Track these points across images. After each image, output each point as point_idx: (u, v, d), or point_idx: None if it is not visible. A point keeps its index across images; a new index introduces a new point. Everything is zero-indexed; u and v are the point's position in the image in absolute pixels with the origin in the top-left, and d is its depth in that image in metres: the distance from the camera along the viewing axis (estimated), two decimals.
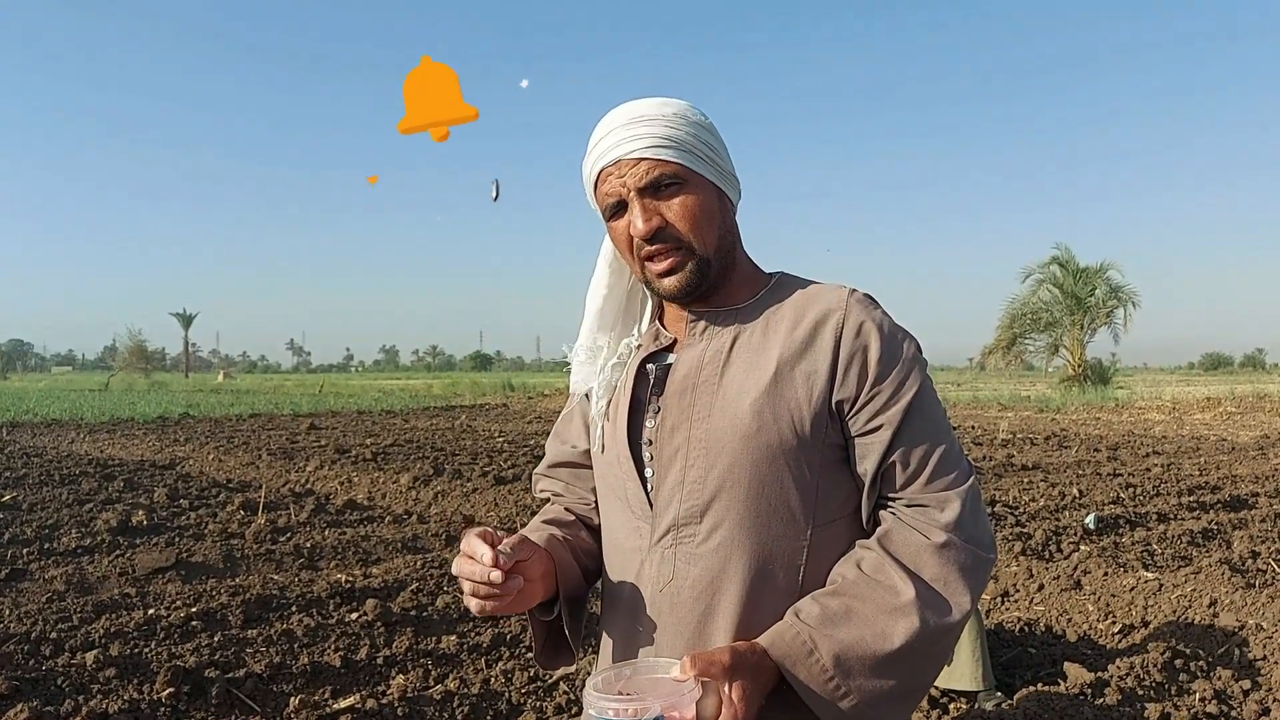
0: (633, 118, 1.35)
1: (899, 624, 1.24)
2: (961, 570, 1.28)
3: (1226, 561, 6.08)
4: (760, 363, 1.35)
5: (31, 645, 4.42)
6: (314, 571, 6.25)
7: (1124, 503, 8.77)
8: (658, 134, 1.33)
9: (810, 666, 1.24)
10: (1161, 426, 19.38)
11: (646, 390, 1.45)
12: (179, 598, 5.30)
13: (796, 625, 1.26)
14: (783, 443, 1.31)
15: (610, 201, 1.38)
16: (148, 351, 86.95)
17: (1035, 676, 4.44)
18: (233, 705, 3.94)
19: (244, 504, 8.81)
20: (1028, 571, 6.01)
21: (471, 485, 9.87)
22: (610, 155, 1.36)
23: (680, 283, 1.36)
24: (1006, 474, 10.98)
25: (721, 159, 1.39)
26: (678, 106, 1.38)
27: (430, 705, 3.95)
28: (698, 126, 1.37)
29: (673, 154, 1.33)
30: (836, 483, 1.35)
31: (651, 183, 1.34)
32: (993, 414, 23.90)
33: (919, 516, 1.30)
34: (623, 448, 1.43)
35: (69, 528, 7.66)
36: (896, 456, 1.31)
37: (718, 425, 1.34)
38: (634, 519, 1.41)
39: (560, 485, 1.65)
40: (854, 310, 1.35)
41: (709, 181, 1.37)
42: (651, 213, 1.34)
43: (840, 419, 1.34)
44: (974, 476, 1.35)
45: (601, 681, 1.20)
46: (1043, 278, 35.61)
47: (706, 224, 1.36)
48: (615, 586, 1.45)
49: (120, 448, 15.21)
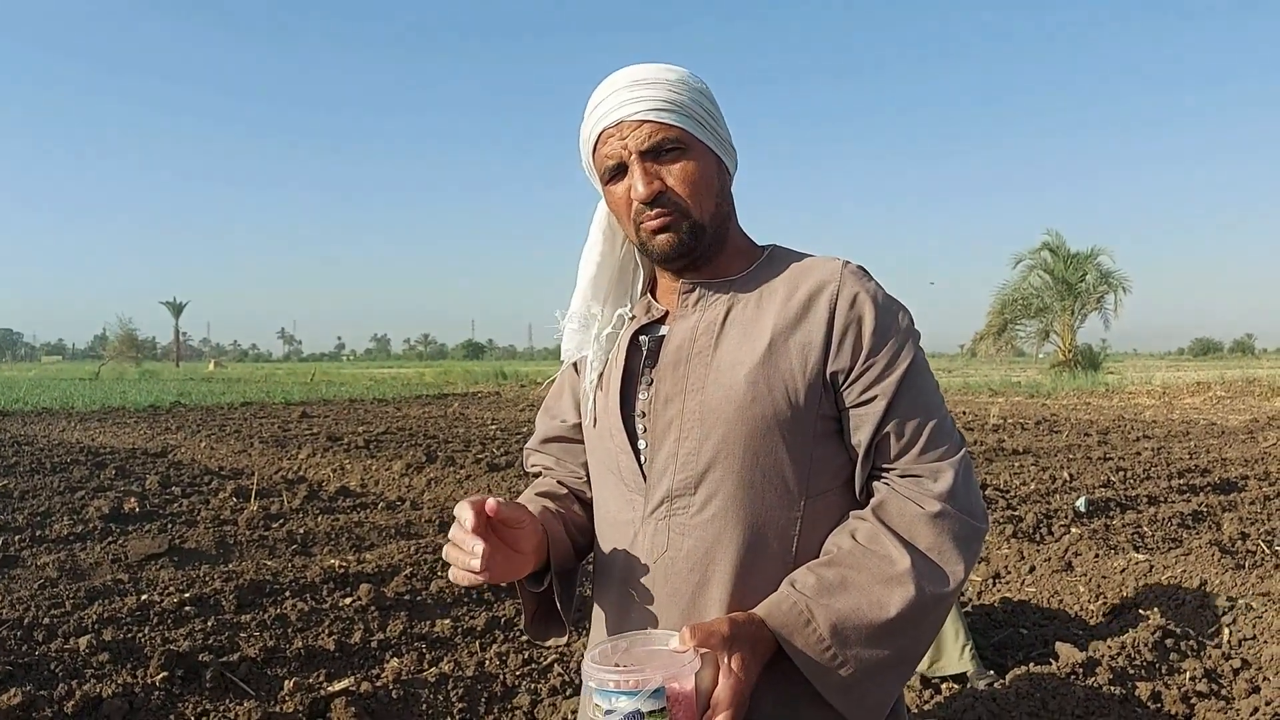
0: (635, 80, 1.34)
1: (895, 593, 1.25)
2: (956, 539, 1.28)
3: (1216, 543, 6.13)
4: (754, 334, 1.35)
5: (24, 631, 4.42)
6: (307, 557, 6.25)
7: (1114, 486, 8.82)
8: (661, 97, 1.32)
9: (807, 636, 1.24)
10: (1151, 411, 19.47)
11: (639, 362, 1.44)
12: (172, 583, 5.30)
13: (793, 595, 1.26)
14: (777, 414, 1.31)
15: (610, 164, 1.36)
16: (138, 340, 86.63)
17: (1027, 657, 4.47)
18: (227, 689, 3.94)
19: (236, 491, 8.79)
20: (1019, 554, 6.04)
21: (465, 472, 9.87)
22: (612, 116, 1.34)
23: (672, 240, 1.35)
24: (997, 458, 11.02)
25: (721, 127, 1.39)
26: (680, 72, 1.37)
27: (425, 688, 3.96)
28: (699, 93, 1.36)
29: (676, 118, 1.32)
30: (830, 454, 1.35)
31: (654, 146, 1.33)
32: (984, 399, 23.98)
33: (913, 487, 1.30)
34: (615, 420, 1.42)
35: (61, 515, 7.65)
36: (890, 427, 1.31)
37: (712, 396, 1.33)
38: (627, 491, 1.40)
39: (551, 460, 1.64)
40: (848, 282, 1.35)
41: (709, 149, 1.37)
42: (652, 176, 1.33)
43: (834, 390, 1.33)
44: (965, 448, 1.35)
45: (599, 654, 1.19)
46: (1033, 263, 35.70)
47: (705, 190, 1.36)
48: (608, 559, 1.45)
49: (111, 436, 15.16)
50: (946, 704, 3.77)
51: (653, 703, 1.11)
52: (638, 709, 1.11)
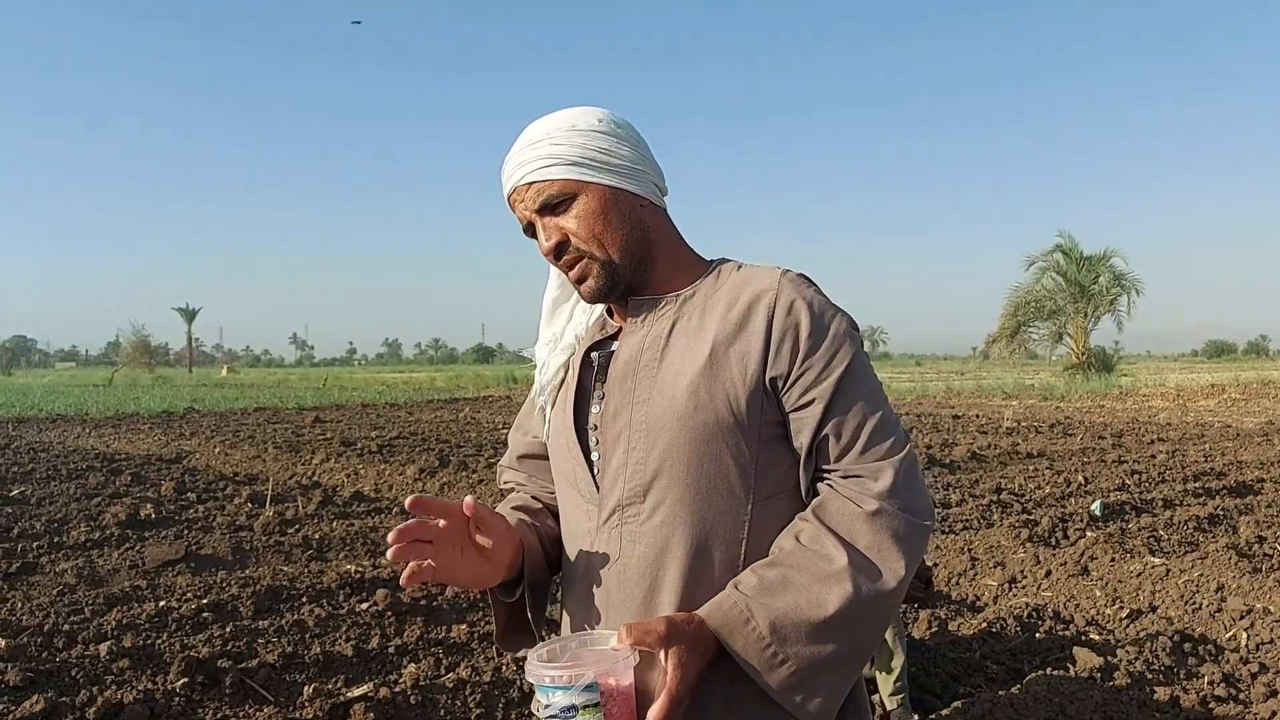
0: (524, 144, 1.43)
1: (833, 591, 1.27)
2: (895, 537, 1.31)
3: (1233, 547, 6.10)
4: (696, 345, 1.40)
5: (45, 638, 4.45)
6: (323, 562, 6.27)
7: (1130, 489, 8.79)
8: (542, 155, 1.40)
9: (747, 635, 1.27)
10: (1166, 413, 19.40)
11: (591, 378, 1.50)
12: (189, 589, 5.33)
13: (734, 595, 1.30)
14: (719, 421, 1.35)
15: (523, 226, 1.47)
16: (151, 346, 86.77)
17: (1044, 662, 4.46)
18: (246, 695, 3.96)
19: (251, 496, 8.83)
20: (1034, 558, 6.02)
21: (477, 476, 9.90)
22: (508, 185, 1.45)
23: (593, 287, 1.43)
24: (1012, 462, 10.99)
25: (617, 157, 1.42)
26: (567, 118, 1.43)
27: (443, 693, 3.97)
28: (588, 134, 1.41)
29: (558, 170, 1.40)
30: (776, 458, 1.39)
31: (544, 204, 1.41)
32: (997, 402, 23.92)
33: (853, 487, 1.33)
34: (570, 434, 1.48)
35: (78, 521, 7.69)
36: (829, 429, 1.35)
37: (657, 407, 1.38)
38: (584, 502, 1.46)
39: (523, 476, 1.70)
40: (785, 289, 1.39)
41: (603, 185, 1.42)
42: (552, 230, 1.42)
43: (776, 395, 1.37)
44: (910, 446, 1.38)
45: (547, 653, 1.27)
46: (1046, 265, 35.60)
47: (604, 227, 1.41)
48: (571, 568, 1.50)
49: (126, 442, 15.25)
50: (964, 708, 3.77)
51: (586, 696, 1.19)
52: (572, 703, 1.18)
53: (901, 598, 1.33)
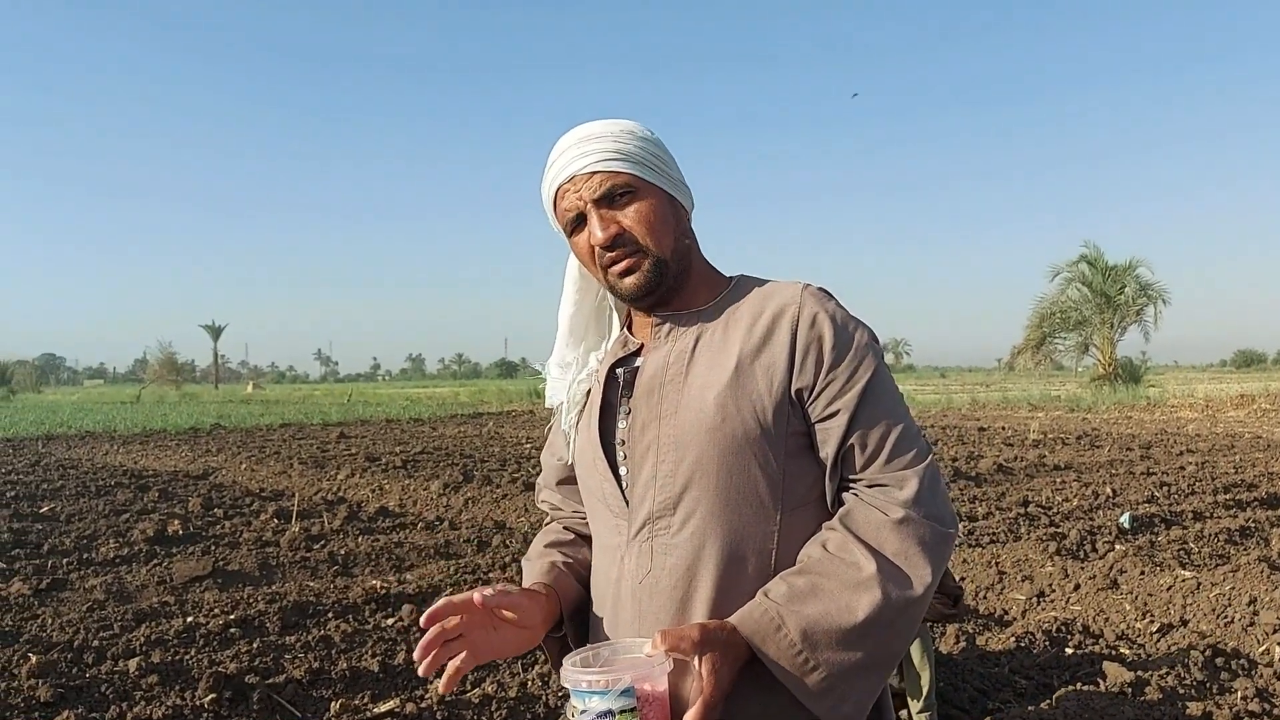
0: (583, 137, 1.45)
1: (863, 598, 1.29)
2: (921, 544, 1.33)
3: (1265, 559, 6.01)
4: (721, 359, 1.42)
5: (74, 653, 4.49)
6: (349, 578, 6.30)
7: (1159, 501, 8.69)
8: (608, 149, 1.42)
9: (779, 641, 1.29)
10: (1194, 424, 19.18)
11: (617, 394, 1.53)
12: (217, 605, 5.37)
13: (765, 603, 1.32)
14: (747, 433, 1.38)
15: (570, 216, 1.46)
16: (178, 364, 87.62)
17: (1073, 677, 4.41)
18: (274, 710, 3.98)
19: (277, 512, 8.89)
20: (1063, 571, 5.96)
21: (501, 491, 9.91)
22: (565, 172, 1.44)
23: (639, 281, 1.44)
24: (1039, 474, 10.90)
25: (670, 169, 1.48)
26: (626, 125, 1.47)
27: (469, 709, 3.98)
28: (645, 140, 1.46)
29: (623, 165, 1.42)
30: (803, 469, 1.41)
31: (606, 193, 1.42)
32: (1023, 414, 23.73)
33: (879, 495, 1.36)
34: (597, 450, 1.51)
35: (107, 538, 7.77)
36: (854, 439, 1.37)
37: (684, 420, 1.41)
38: (613, 517, 1.48)
39: (558, 498, 1.73)
40: (808, 303, 1.42)
41: (660, 189, 1.46)
42: (609, 221, 1.43)
43: (801, 406, 1.40)
44: (932, 455, 1.41)
45: (580, 660, 1.28)
46: (1071, 276, 35.31)
47: (662, 228, 1.44)
48: (602, 583, 1.52)
49: (154, 459, 15.39)
50: None
51: (623, 701, 1.19)
52: (609, 708, 1.19)
53: (928, 604, 1.35)
